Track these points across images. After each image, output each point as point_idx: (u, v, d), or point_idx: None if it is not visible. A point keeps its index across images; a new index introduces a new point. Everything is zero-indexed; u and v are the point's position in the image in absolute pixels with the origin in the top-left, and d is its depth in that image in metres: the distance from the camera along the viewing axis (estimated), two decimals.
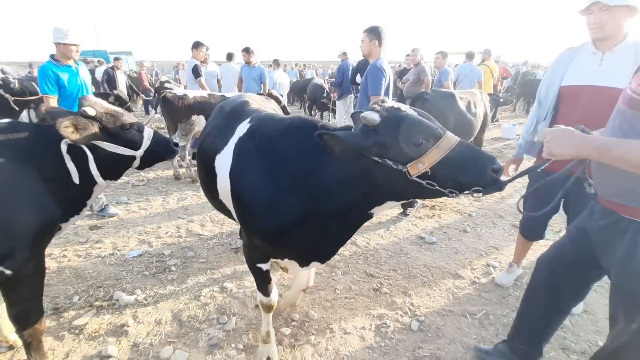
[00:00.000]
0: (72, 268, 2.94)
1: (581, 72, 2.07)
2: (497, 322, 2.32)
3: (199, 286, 2.70)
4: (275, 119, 1.75)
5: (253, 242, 1.73)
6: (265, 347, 1.97)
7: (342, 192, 1.40)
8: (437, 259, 3.10)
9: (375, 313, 2.40)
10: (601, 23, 1.89)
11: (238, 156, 1.66)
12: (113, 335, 2.19)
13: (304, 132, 1.49)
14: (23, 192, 1.54)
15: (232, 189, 1.66)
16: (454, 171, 1.24)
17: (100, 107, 1.78)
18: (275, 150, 1.55)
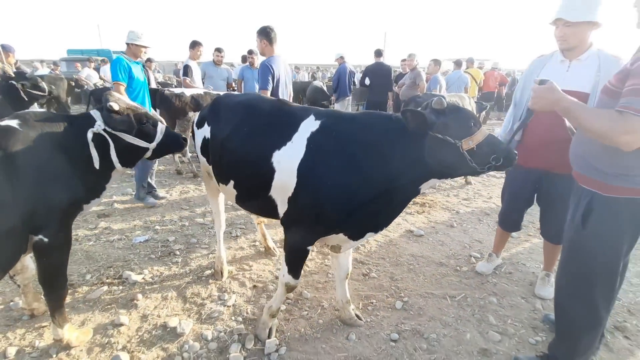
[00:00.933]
0: (83, 250, 3.15)
1: (551, 77, 2.29)
2: (474, 304, 2.54)
3: (202, 269, 2.92)
4: (344, 114, 1.99)
5: (318, 225, 1.85)
6: (272, 320, 2.16)
7: (408, 169, 1.70)
8: (423, 249, 3.33)
9: (363, 294, 2.63)
10: (565, 37, 2.14)
11: (314, 150, 1.80)
12: (124, 308, 2.41)
13: (376, 123, 1.80)
14: (58, 173, 1.78)
15: (302, 180, 1.80)
16: (490, 149, 1.62)
17: (123, 102, 2.02)
18: (354, 141, 1.76)
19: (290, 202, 1.88)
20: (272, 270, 2.92)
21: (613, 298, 1.75)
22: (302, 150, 1.81)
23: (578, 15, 2.03)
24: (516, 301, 2.58)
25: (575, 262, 1.73)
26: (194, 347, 2.06)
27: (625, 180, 1.55)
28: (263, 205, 2.05)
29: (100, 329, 2.21)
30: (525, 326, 2.34)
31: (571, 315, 1.79)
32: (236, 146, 2.05)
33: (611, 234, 1.62)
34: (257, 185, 1.99)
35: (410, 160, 1.69)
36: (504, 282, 2.82)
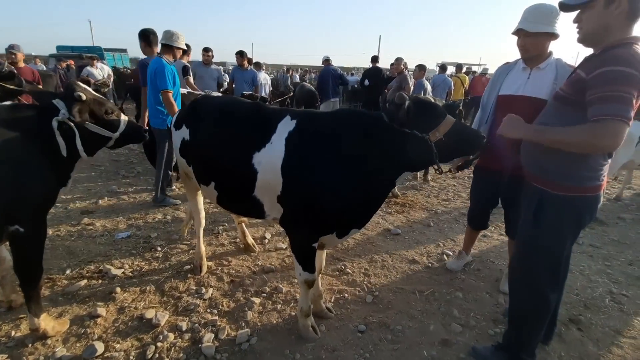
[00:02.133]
0: (65, 246, 3.21)
1: (514, 84, 2.43)
2: (441, 298, 2.67)
3: (181, 264, 3.00)
4: (320, 113, 2.09)
5: (316, 223, 1.92)
6: (308, 320, 2.20)
7: (383, 164, 1.83)
8: (398, 247, 3.45)
9: (336, 289, 2.73)
10: (526, 46, 2.27)
11: (294, 150, 1.87)
12: (102, 300, 2.48)
13: (349, 120, 1.92)
14: (29, 164, 1.86)
15: (288, 180, 1.87)
16: (458, 139, 1.78)
17: (89, 93, 2.10)
18: (332, 139, 1.85)
19: (281, 202, 1.96)
20: (250, 266, 3.01)
21: (559, 288, 1.89)
22: (282, 150, 1.89)
23: (537, 27, 2.17)
24: (481, 296, 2.71)
25: (528, 256, 1.86)
26: (168, 337, 2.14)
27: (567, 179, 1.68)
28: (246, 206, 2.13)
29: (77, 320, 2.27)
30: (487, 319, 2.46)
31: (523, 305, 1.92)
32: (216, 149, 2.11)
33: (557, 230, 1.75)
34: (239, 186, 2.05)
35: (383, 155, 1.81)
36: (471, 278, 2.95)
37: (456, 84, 9.37)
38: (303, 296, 2.18)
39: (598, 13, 1.55)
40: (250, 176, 1.97)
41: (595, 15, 1.56)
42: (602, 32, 1.57)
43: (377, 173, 1.85)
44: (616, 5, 1.50)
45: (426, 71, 7.04)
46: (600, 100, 1.46)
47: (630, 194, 5.53)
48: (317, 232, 1.96)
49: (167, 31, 3.83)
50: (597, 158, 1.65)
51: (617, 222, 4.36)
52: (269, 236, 3.55)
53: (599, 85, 1.47)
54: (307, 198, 1.87)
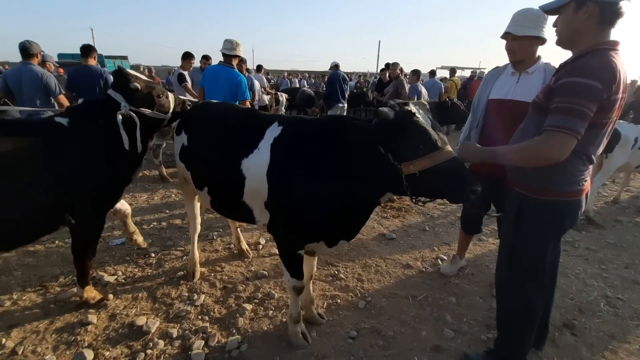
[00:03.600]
0: (59, 252, 3.21)
1: (503, 88, 2.44)
2: (434, 303, 2.65)
3: (175, 270, 3.00)
4: (307, 120, 2.07)
5: (297, 231, 1.90)
6: (298, 326, 2.20)
7: (364, 179, 1.71)
8: (393, 252, 3.44)
9: (329, 294, 2.72)
10: (513, 50, 2.28)
11: (279, 156, 1.87)
12: (94, 307, 2.47)
13: (336, 129, 1.82)
14: (90, 160, 2.07)
15: (272, 186, 1.87)
16: (437, 182, 1.51)
17: (141, 80, 2.17)
18: (314, 147, 1.81)
19: (268, 207, 1.97)
20: (243, 272, 3.01)
21: (545, 294, 1.88)
22: (267, 157, 1.90)
23: (524, 30, 2.18)
24: (474, 301, 2.70)
25: (511, 261, 1.85)
26: (158, 345, 2.13)
27: (546, 184, 1.68)
28: (237, 210, 2.15)
29: (67, 328, 2.27)
30: (480, 324, 2.45)
31: (510, 311, 1.92)
32: (209, 154, 2.16)
33: (538, 234, 1.75)
34: (230, 191, 2.08)
35: (362, 169, 1.69)
36: (465, 283, 2.94)
37: (450, 87, 9.66)
38: (292, 302, 2.18)
39: (569, 18, 1.57)
40: (239, 182, 2.00)
41: (567, 20, 1.58)
42: (574, 36, 1.59)
43: (358, 187, 1.73)
44: (584, 11, 1.50)
45: (420, 75, 7.16)
46: (555, 110, 1.49)
47: (627, 197, 5.51)
48: (301, 239, 1.95)
49: (233, 42, 4.11)
50: (576, 164, 1.63)
51: (614, 225, 4.34)
52: (263, 242, 3.54)
53: (558, 95, 1.50)
54: (288, 205, 1.87)
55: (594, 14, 1.49)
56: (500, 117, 2.42)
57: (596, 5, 1.47)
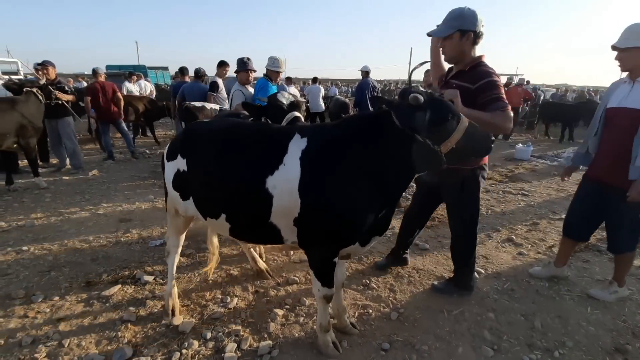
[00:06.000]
0: (103, 251, 3.39)
1: (618, 96, 2.53)
2: (471, 319, 2.53)
3: (208, 272, 3.07)
4: (327, 125, 2.05)
5: (336, 238, 1.88)
6: (328, 336, 2.17)
7: (399, 170, 1.80)
8: (426, 263, 3.34)
9: (360, 304, 2.68)
10: (621, 60, 2.48)
11: (311, 168, 1.78)
12: (133, 305, 2.58)
13: (362, 128, 1.83)
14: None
15: (306, 200, 1.78)
16: (469, 143, 1.74)
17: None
18: (346, 151, 1.79)
19: (298, 223, 1.86)
20: (274, 276, 3.03)
21: None
22: (297, 170, 1.79)
23: (627, 43, 2.38)
24: (514, 318, 2.55)
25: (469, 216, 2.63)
26: (192, 345, 2.18)
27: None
28: (264, 233, 1.99)
29: (109, 324, 2.38)
30: (521, 343, 2.31)
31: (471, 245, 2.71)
32: (224, 177, 1.92)
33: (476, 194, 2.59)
34: (254, 214, 1.92)
35: (396, 160, 1.76)
36: (505, 299, 2.79)
37: None
38: (321, 312, 2.14)
39: (456, 43, 2.30)
40: (265, 202, 1.84)
41: (454, 44, 2.31)
42: (460, 55, 2.34)
43: (395, 179, 1.82)
44: (466, 38, 2.27)
45: None
46: (493, 100, 2.17)
47: None
48: (339, 245, 1.93)
49: (271, 58, 4.48)
50: None
51: None
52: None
53: (487, 90, 2.19)
54: (328, 215, 1.80)
55: (471, 38, 2.28)
56: (615, 124, 2.54)
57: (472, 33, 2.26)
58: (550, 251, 3.66)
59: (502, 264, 3.37)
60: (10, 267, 3.09)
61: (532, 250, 3.69)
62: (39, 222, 4.11)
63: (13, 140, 4.94)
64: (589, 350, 2.27)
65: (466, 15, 2.23)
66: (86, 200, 4.90)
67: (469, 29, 2.24)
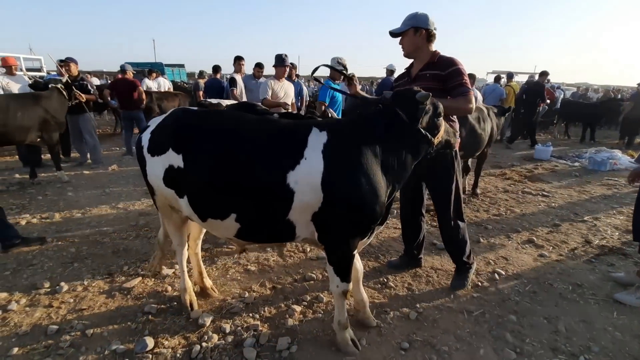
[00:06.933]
0: (124, 244, 3.46)
1: None
2: (492, 320, 2.48)
3: (226, 267, 3.10)
4: (343, 121, 2.12)
5: (358, 229, 1.91)
6: (347, 333, 2.15)
7: (408, 158, 1.99)
8: (444, 263, 3.29)
9: (378, 302, 2.66)
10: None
11: (334, 161, 1.78)
12: (154, 298, 2.62)
13: (378, 122, 1.94)
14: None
15: (329, 194, 1.77)
16: (445, 140, 2.12)
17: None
18: (365, 144, 1.84)
19: (317, 218, 1.85)
20: (291, 273, 3.03)
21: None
22: (320, 164, 1.77)
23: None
24: (537, 321, 2.49)
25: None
26: (212, 338, 2.20)
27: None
28: (277, 231, 1.96)
29: (130, 316, 2.42)
30: (545, 347, 2.25)
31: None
32: (237, 175, 1.82)
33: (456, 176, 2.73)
34: (272, 211, 1.85)
35: (406, 151, 1.96)
36: (526, 301, 2.72)
37: (509, 93, 9.21)
38: (340, 308, 2.12)
39: (411, 38, 2.55)
40: (285, 199, 1.79)
41: (409, 39, 2.56)
42: (415, 49, 2.58)
43: (400, 168, 1.96)
44: (419, 34, 2.52)
45: (475, 80, 6.89)
46: (460, 85, 2.44)
47: None
48: (359, 237, 1.98)
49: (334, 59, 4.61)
50: None
51: None
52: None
53: (456, 76, 2.45)
54: (351, 207, 1.80)
55: (424, 35, 2.52)
56: None
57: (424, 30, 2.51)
58: (573, 254, 3.56)
59: (522, 265, 3.30)
60: (35, 258, 3.17)
61: (554, 252, 3.59)
62: (62, 214, 4.22)
63: (36, 134, 5.07)
64: (616, 357, 2.20)
65: (419, 16, 2.52)
66: (106, 194, 5.00)
67: (421, 26, 2.51)
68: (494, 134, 5.15)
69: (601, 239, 3.93)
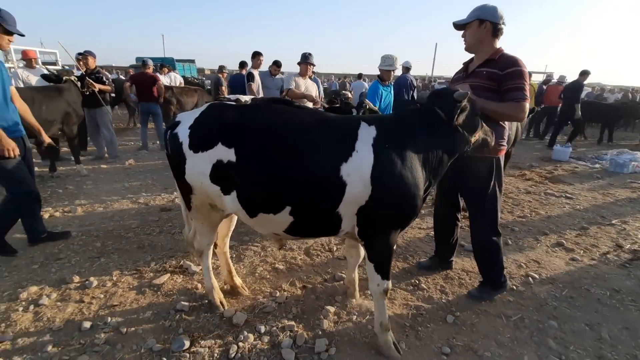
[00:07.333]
0: (148, 240, 3.42)
1: None
2: (532, 326, 2.41)
3: (254, 265, 3.05)
4: (387, 117, 2.11)
5: (402, 222, 1.99)
6: (389, 335, 2.10)
7: (443, 155, 2.01)
8: (474, 265, 3.20)
9: (412, 304, 2.59)
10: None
11: (383, 154, 1.81)
12: (184, 295, 2.58)
13: (422, 119, 1.99)
14: None
15: (377, 186, 1.79)
16: (483, 138, 2.14)
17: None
18: (410, 139, 1.90)
19: (363, 211, 1.85)
20: (320, 272, 2.98)
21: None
22: (370, 158, 1.79)
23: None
24: (579, 328, 2.41)
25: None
26: (248, 338, 2.15)
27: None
28: (325, 225, 1.96)
29: (163, 313, 2.38)
30: (590, 355, 2.18)
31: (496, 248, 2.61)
32: (294, 167, 1.80)
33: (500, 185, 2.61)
34: (325, 205, 1.85)
35: (443, 147, 1.99)
36: (564, 307, 2.64)
37: (529, 92, 9.04)
38: (381, 309, 2.09)
39: (474, 31, 2.38)
40: (338, 191, 1.80)
41: (472, 32, 2.39)
42: (477, 43, 2.40)
43: (437, 163, 2.00)
44: (484, 27, 2.34)
45: None
46: (514, 89, 2.26)
47: None
48: (398, 232, 2.02)
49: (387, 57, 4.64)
50: None
51: None
52: (335, 242, 3.50)
53: (512, 78, 2.26)
54: (397, 200, 1.85)
55: (489, 29, 2.34)
56: None
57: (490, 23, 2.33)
58: (605, 258, 3.47)
59: (555, 269, 3.21)
60: (61, 252, 3.15)
61: (586, 256, 3.50)
62: (83, 208, 4.20)
63: (58, 127, 5.06)
64: None
65: (486, 7, 2.36)
66: (126, 188, 4.98)
67: (487, 19, 2.33)
68: (518, 134, 5.04)
69: (632, 243, 3.83)
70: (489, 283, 2.72)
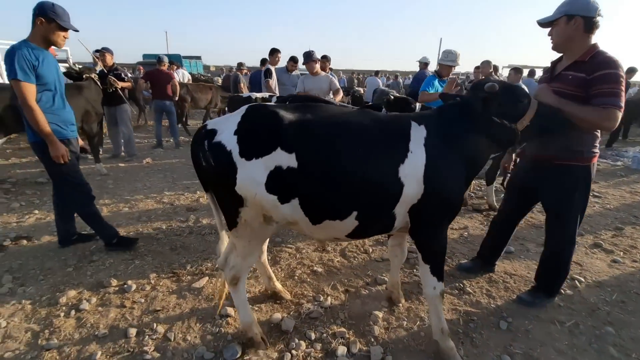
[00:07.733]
0: (180, 241, 3.36)
1: None
2: (588, 332, 2.33)
3: (291, 268, 2.98)
4: (430, 114, 2.08)
5: (450, 218, 2.05)
6: (450, 340, 2.04)
7: (486, 149, 2.02)
8: (517, 267, 3.13)
9: (462, 310, 2.52)
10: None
11: (434, 153, 1.81)
12: (226, 299, 2.50)
13: (463, 114, 1.96)
14: None
15: (430, 185, 1.80)
16: (541, 119, 1.97)
17: None
18: (454, 135, 1.91)
19: (414, 210, 1.86)
20: (360, 275, 2.90)
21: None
22: (423, 158, 1.81)
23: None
24: (638, 334, 2.33)
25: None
26: (300, 346, 2.08)
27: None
28: (385, 225, 1.93)
29: (208, 318, 2.32)
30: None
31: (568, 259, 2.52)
32: (358, 170, 1.73)
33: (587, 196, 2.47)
34: (385, 206, 1.83)
35: (481, 140, 1.95)
36: (617, 312, 2.56)
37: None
38: (439, 314, 2.03)
39: (562, 28, 2.13)
40: (397, 192, 1.79)
41: (559, 29, 2.15)
42: (566, 41, 2.17)
43: (476, 158, 2.00)
44: (574, 23, 2.08)
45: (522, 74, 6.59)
46: (603, 94, 1.99)
47: None
48: (447, 228, 2.08)
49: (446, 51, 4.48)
50: None
51: None
52: (370, 243, 3.43)
53: (602, 82, 2.00)
54: (447, 198, 1.88)
55: (580, 24, 2.08)
56: None
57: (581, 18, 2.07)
58: None
59: (599, 272, 3.13)
60: (93, 254, 3.09)
61: (627, 258, 3.41)
62: (109, 208, 4.14)
63: (78, 125, 4.98)
64: None
65: (576, 1, 2.08)
66: (147, 188, 4.92)
67: (577, 13, 2.06)
68: None
69: None
70: (542, 289, 2.61)
